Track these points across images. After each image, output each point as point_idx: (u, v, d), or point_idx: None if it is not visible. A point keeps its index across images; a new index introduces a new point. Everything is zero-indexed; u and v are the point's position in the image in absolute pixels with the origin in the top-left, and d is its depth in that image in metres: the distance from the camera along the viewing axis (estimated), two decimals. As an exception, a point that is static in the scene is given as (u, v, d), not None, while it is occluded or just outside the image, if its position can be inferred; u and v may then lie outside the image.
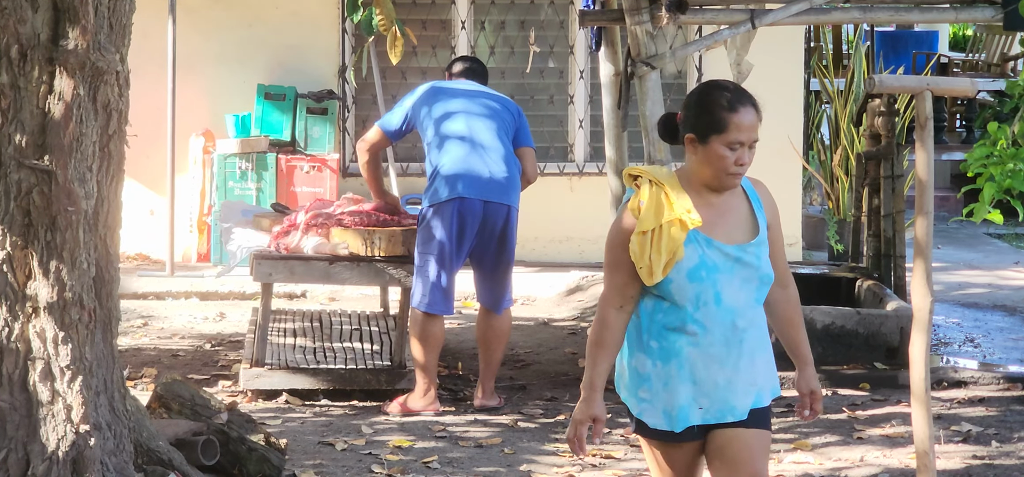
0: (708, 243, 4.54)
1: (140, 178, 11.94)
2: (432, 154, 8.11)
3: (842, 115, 13.44)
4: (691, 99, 4.62)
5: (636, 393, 4.66)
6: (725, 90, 4.58)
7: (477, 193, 8.01)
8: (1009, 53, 17.39)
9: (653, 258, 4.50)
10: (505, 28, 12.53)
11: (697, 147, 4.55)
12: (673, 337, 4.57)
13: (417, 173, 12.38)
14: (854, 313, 9.03)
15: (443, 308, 8.04)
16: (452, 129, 8.13)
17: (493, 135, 8.16)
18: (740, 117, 4.52)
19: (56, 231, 5.56)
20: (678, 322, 4.56)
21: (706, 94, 4.59)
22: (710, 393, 4.58)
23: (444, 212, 7.99)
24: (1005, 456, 7.37)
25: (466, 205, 7.99)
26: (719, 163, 4.53)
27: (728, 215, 4.60)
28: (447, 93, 8.28)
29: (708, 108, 4.54)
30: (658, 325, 4.58)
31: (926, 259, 5.60)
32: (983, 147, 7.85)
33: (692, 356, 4.56)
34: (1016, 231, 14.82)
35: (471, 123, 8.15)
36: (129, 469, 5.79)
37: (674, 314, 4.56)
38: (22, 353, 5.59)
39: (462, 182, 8.00)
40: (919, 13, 9.07)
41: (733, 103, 4.53)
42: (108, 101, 5.68)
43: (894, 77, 6.46)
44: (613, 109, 9.77)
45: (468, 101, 8.23)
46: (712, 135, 4.52)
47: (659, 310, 4.57)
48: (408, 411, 8.03)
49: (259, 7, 12.27)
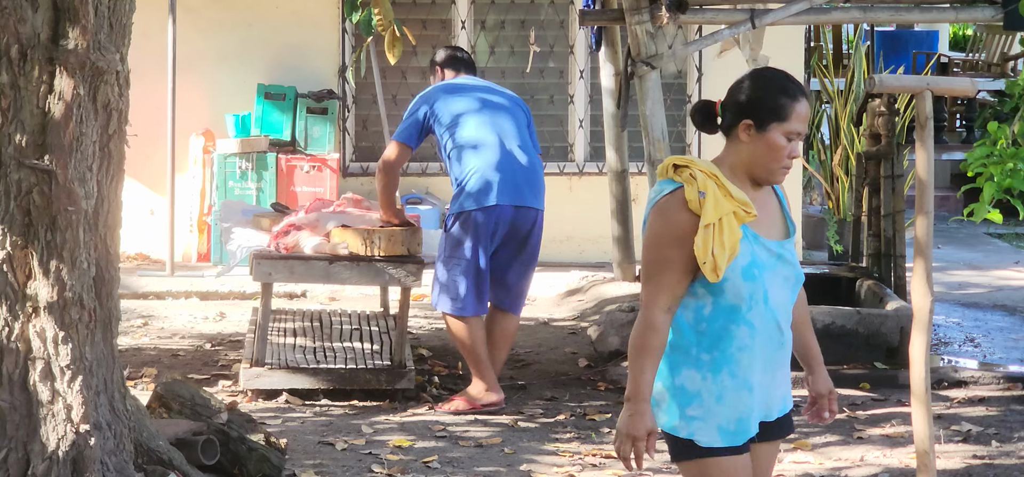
0: (756, 239, 4.35)
1: (140, 178, 11.94)
2: (458, 157, 8.03)
3: (842, 115, 13.44)
4: (747, 85, 4.39)
5: (684, 413, 4.35)
6: (787, 78, 4.39)
7: (509, 199, 7.99)
8: (1009, 53, 17.38)
9: (717, 253, 4.24)
10: (505, 28, 12.53)
11: (752, 135, 4.34)
12: (725, 343, 4.33)
13: (416, 173, 12.38)
14: (854, 313, 9.02)
15: (477, 309, 8.07)
16: (477, 131, 8.06)
17: (519, 136, 8.14)
18: (802, 106, 4.34)
19: (56, 231, 5.56)
20: (731, 325, 4.33)
21: (768, 81, 4.39)
22: (762, 399, 4.39)
23: (478, 220, 7.97)
24: (1005, 456, 7.38)
25: (500, 212, 7.98)
26: (776, 153, 4.33)
27: (766, 211, 4.42)
28: (460, 92, 8.21)
29: (771, 94, 4.35)
30: (707, 334, 4.33)
31: (926, 259, 5.60)
32: (983, 147, 7.86)
33: (745, 361, 4.34)
34: (1016, 231, 14.81)
35: (497, 124, 8.10)
36: (129, 469, 5.79)
37: (725, 317, 4.33)
38: (22, 353, 5.59)
39: (497, 189, 7.97)
40: (919, 13, 9.07)
41: (796, 91, 4.35)
42: (108, 101, 5.68)
43: (894, 77, 6.46)
44: (613, 109, 9.78)
45: (485, 101, 8.19)
46: (773, 122, 4.33)
47: (702, 319, 4.33)
48: (473, 406, 8.04)
49: (259, 7, 12.27)
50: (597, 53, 10.69)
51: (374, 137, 12.41)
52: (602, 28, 10.23)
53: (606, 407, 8.18)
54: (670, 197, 4.33)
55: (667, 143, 8.75)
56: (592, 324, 10.09)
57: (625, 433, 4.30)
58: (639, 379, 4.29)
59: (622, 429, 4.31)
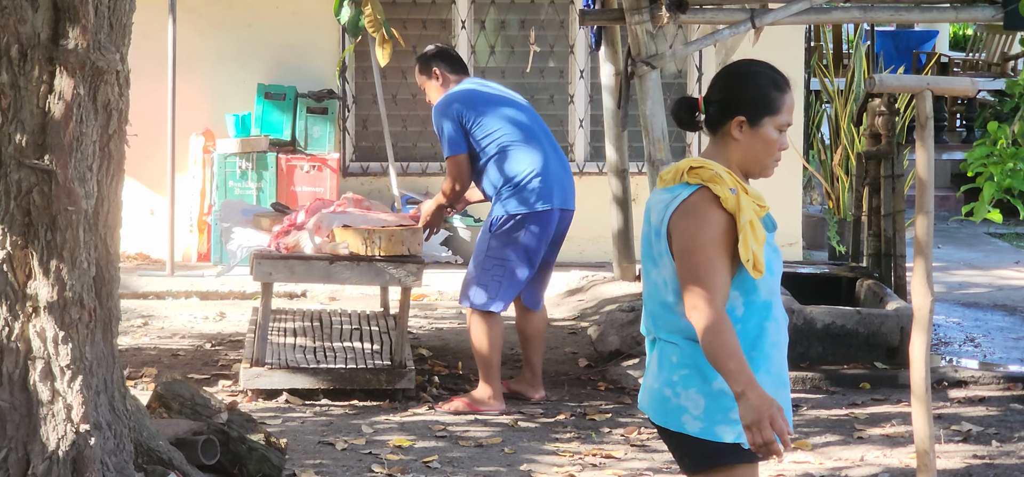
0: (770, 233, 4.31)
1: (140, 178, 11.94)
2: (505, 158, 8.04)
3: (842, 114, 13.44)
4: (735, 81, 4.30)
5: (727, 417, 4.22)
6: (774, 70, 4.31)
7: (560, 202, 8.10)
8: (1009, 52, 17.39)
9: (755, 250, 4.16)
10: (505, 28, 12.53)
11: (745, 131, 4.27)
12: (761, 342, 4.27)
13: (417, 173, 12.38)
14: (854, 313, 9.02)
15: (504, 307, 8.14)
16: (524, 133, 8.11)
17: (553, 139, 8.26)
18: (790, 97, 4.29)
19: (56, 230, 5.56)
20: (765, 322, 4.27)
21: (757, 74, 4.30)
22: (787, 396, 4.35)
23: (540, 221, 8.03)
24: (1005, 456, 7.38)
25: (553, 215, 8.09)
26: (769, 147, 4.27)
27: None
28: (488, 95, 8.22)
29: (762, 88, 4.27)
30: (744, 335, 4.23)
31: (926, 258, 5.60)
32: (983, 147, 7.86)
33: (778, 357, 4.30)
34: (1016, 230, 14.81)
35: (537, 126, 8.21)
36: (129, 468, 5.79)
37: (759, 315, 4.26)
38: (22, 352, 5.59)
39: (553, 191, 8.05)
40: (919, 13, 9.07)
41: (784, 83, 4.28)
42: (108, 100, 5.68)
43: (894, 76, 6.46)
44: (613, 109, 9.78)
45: (512, 101, 8.26)
46: (766, 116, 4.26)
47: (736, 320, 4.23)
48: (475, 409, 8.06)
49: (259, 6, 12.27)
50: (597, 53, 10.69)
51: (374, 137, 12.41)
52: (602, 28, 10.23)
53: (606, 407, 8.18)
54: (697, 198, 4.22)
55: (667, 143, 8.75)
56: (592, 324, 10.09)
57: (760, 416, 4.06)
58: (740, 366, 4.08)
59: (756, 415, 4.07)
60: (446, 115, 8.10)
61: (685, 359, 4.28)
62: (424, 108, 12.40)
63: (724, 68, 4.41)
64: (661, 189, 4.35)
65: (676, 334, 4.30)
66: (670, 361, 4.30)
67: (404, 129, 12.46)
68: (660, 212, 4.30)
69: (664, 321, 4.33)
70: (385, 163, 12.19)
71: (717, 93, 4.32)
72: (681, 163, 4.30)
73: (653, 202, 4.37)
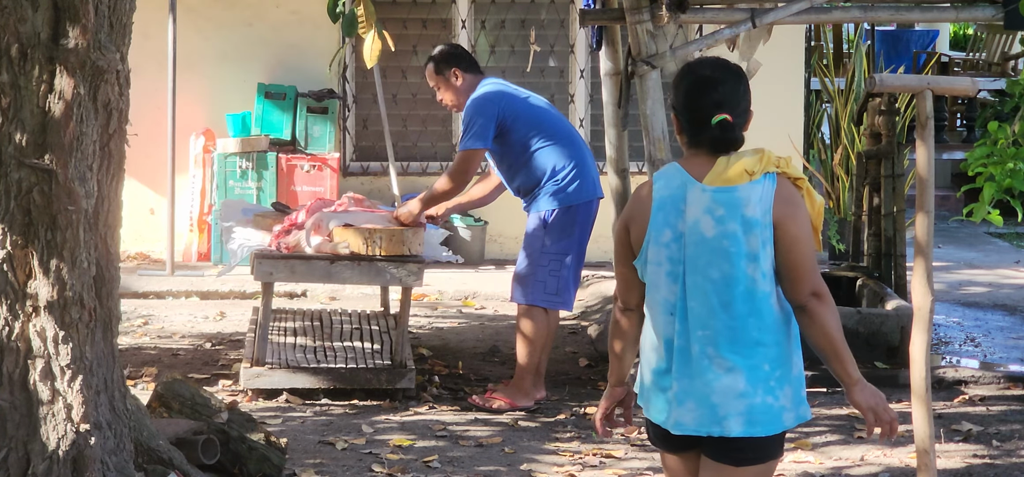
0: None
1: (140, 177, 11.94)
2: (546, 152, 8.09)
3: (843, 114, 13.44)
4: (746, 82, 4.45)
5: (802, 399, 4.41)
6: None
7: (597, 192, 8.22)
8: (1010, 52, 17.39)
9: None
10: (505, 27, 12.53)
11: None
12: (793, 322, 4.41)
13: (417, 173, 12.38)
14: (854, 312, 9.02)
15: (568, 302, 8.19)
16: (561, 127, 8.23)
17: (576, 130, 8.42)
18: None
19: (56, 230, 5.56)
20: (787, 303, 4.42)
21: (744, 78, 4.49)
22: None
23: (589, 211, 8.16)
24: (1005, 455, 7.38)
25: (595, 205, 8.21)
26: None
27: None
28: (519, 93, 8.29)
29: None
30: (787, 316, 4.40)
31: (927, 258, 5.60)
32: (983, 146, 7.86)
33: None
34: (1016, 230, 14.81)
35: (562, 119, 8.32)
36: (129, 468, 5.79)
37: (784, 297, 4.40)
38: (22, 352, 5.59)
39: (594, 182, 8.18)
40: (920, 12, 9.06)
41: None
42: (108, 100, 5.68)
43: (895, 76, 6.45)
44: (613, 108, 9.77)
45: (536, 97, 8.36)
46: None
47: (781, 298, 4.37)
48: (512, 404, 8.10)
49: (259, 6, 12.27)
50: (597, 52, 10.69)
51: (374, 137, 12.41)
52: (602, 27, 10.22)
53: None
54: (792, 186, 4.34)
55: (667, 142, 8.74)
56: (592, 323, 10.08)
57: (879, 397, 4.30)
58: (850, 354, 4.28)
59: (876, 397, 4.31)
60: (483, 112, 8.08)
61: (775, 360, 4.33)
62: (424, 108, 12.41)
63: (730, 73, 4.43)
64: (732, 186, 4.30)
65: (764, 332, 4.31)
66: (762, 370, 4.31)
67: (404, 129, 12.47)
68: (759, 205, 4.28)
69: (742, 333, 4.32)
70: (385, 163, 12.19)
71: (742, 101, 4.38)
72: (763, 155, 4.33)
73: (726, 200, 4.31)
